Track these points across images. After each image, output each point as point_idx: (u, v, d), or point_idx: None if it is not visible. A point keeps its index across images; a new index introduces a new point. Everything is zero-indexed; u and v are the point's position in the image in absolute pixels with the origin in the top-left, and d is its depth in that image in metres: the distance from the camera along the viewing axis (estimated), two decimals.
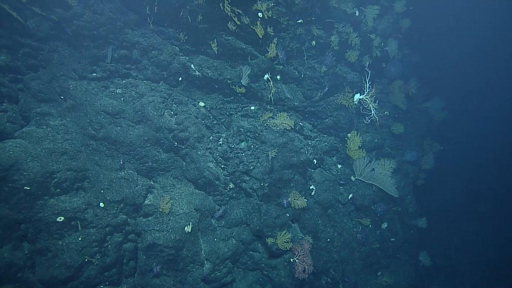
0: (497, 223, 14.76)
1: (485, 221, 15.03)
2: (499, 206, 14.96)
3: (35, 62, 6.76)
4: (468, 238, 14.75)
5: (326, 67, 8.37)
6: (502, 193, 14.98)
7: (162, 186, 7.51)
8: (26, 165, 5.89)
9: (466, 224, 14.95)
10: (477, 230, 14.92)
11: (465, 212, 15.12)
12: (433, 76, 13.41)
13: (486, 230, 14.85)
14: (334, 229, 8.96)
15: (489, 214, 15.10)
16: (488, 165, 15.72)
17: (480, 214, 15.18)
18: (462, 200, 15.35)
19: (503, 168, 15.30)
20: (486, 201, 15.26)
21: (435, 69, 13.55)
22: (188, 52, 7.83)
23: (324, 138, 8.96)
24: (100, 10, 6.97)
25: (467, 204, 15.24)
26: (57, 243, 6.21)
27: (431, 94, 13.43)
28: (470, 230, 14.88)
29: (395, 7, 9.62)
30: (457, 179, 15.52)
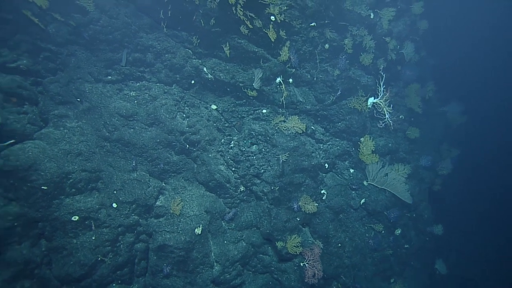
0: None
1: (506, 229, 14.47)
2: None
3: (54, 66, 6.99)
4: (487, 247, 14.24)
5: (339, 70, 8.27)
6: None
7: (174, 188, 7.61)
8: (44, 165, 6.10)
9: (485, 232, 14.43)
10: (497, 238, 14.39)
11: (485, 220, 14.60)
12: (452, 79, 13.04)
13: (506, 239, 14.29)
14: (346, 234, 8.84)
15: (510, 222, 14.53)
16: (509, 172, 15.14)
17: (501, 222, 14.62)
18: (481, 207, 14.83)
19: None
20: (507, 209, 14.70)
21: (454, 72, 13.17)
22: (201, 55, 7.91)
23: (337, 142, 8.85)
24: (115, 15, 7.13)
25: (486, 212, 14.72)
26: (72, 242, 6.40)
27: (450, 97, 13.06)
28: (489, 238, 14.36)
29: (412, 8, 9.40)
30: (476, 185, 15.02)
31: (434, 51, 11.68)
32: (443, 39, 12.83)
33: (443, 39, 12.81)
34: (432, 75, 12.14)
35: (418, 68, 10.27)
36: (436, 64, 11.91)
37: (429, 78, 11.89)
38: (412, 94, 10.21)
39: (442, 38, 12.68)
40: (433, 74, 12.15)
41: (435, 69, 12.01)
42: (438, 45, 12.04)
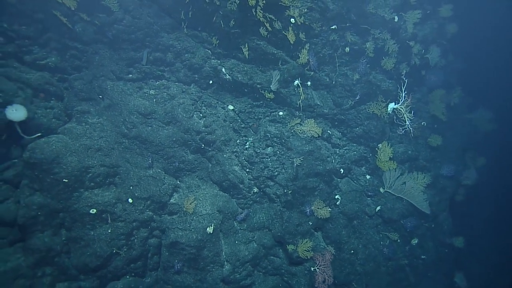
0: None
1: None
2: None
3: (80, 63, 7.29)
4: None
5: (359, 74, 8.09)
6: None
7: (188, 186, 7.75)
8: (66, 159, 6.38)
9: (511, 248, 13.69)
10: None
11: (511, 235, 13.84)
12: (481, 85, 12.42)
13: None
14: (359, 241, 8.67)
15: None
16: None
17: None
18: (508, 220, 14.07)
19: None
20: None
21: (483, 78, 12.53)
22: (220, 56, 7.98)
23: (353, 147, 8.68)
24: (139, 15, 7.33)
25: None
26: (89, 233, 6.66)
27: (478, 104, 12.46)
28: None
29: (440, 11, 9.02)
30: (502, 197, 14.25)
31: (463, 56, 11.16)
32: (473, 43, 12.21)
33: (473, 43, 12.19)
34: (459, 80, 11.62)
35: (444, 73, 9.86)
36: (464, 69, 11.37)
37: (456, 83, 11.40)
38: (436, 100, 9.83)
39: (472, 42, 12.07)
40: (461, 80, 11.63)
41: (463, 74, 11.48)
42: (467, 49, 11.48)
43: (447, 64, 10.31)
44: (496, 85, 13.63)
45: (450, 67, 10.70)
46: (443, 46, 9.69)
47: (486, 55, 13.30)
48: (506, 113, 13.37)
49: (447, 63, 10.23)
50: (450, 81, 10.93)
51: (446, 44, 9.87)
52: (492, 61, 13.43)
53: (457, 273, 11.28)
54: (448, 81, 10.70)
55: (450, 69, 10.82)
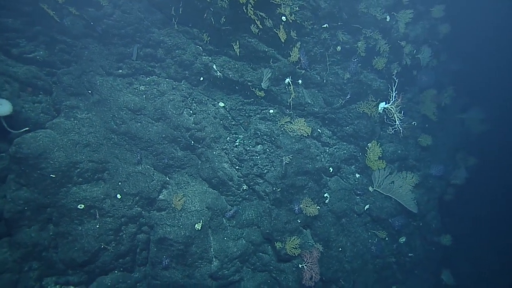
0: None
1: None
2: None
3: (69, 58, 7.23)
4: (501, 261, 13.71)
5: (350, 73, 8.10)
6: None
7: (177, 183, 7.77)
8: (53, 154, 6.36)
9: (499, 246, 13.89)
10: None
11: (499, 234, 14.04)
12: (474, 85, 12.48)
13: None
14: (347, 238, 8.77)
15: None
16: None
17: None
18: (497, 219, 14.26)
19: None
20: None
21: (476, 78, 12.57)
22: (211, 53, 7.95)
23: (343, 146, 8.73)
24: (129, 10, 7.26)
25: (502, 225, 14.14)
26: (77, 228, 6.68)
27: (471, 104, 12.54)
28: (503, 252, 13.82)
29: (432, 12, 9.02)
30: (492, 197, 14.42)
31: (456, 56, 11.19)
32: (466, 43, 12.24)
33: (466, 43, 12.22)
34: (452, 80, 11.68)
35: (435, 73, 9.90)
36: (457, 70, 11.42)
37: (449, 83, 11.46)
38: (427, 100, 9.89)
39: (465, 42, 12.10)
40: (454, 80, 11.68)
41: (456, 74, 11.53)
42: (460, 49, 11.51)
43: (439, 64, 10.35)
44: (489, 85, 13.70)
45: (442, 67, 10.74)
46: (435, 46, 9.72)
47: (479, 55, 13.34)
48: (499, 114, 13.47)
49: (439, 63, 10.27)
50: (442, 81, 10.98)
51: (438, 44, 9.89)
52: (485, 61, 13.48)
53: (444, 271, 11.46)
54: (440, 81, 10.75)
55: (442, 69, 10.86)
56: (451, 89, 11.17)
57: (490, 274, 13.34)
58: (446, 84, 11.25)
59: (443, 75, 11.04)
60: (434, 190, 10.36)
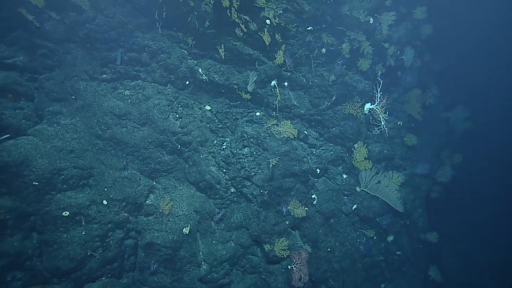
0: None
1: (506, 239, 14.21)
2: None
3: (51, 63, 7.11)
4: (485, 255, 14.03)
5: (335, 75, 8.18)
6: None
7: (164, 187, 7.72)
8: (36, 161, 6.26)
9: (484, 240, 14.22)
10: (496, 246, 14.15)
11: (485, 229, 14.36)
12: (457, 84, 12.73)
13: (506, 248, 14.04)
14: (336, 238, 8.85)
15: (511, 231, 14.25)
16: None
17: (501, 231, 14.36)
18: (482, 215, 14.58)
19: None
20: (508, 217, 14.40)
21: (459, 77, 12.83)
22: (196, 56, 7.93)
23: (330, 147, 8.81)
24: (112, 14, 7.19)
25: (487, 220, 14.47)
26: (62, 236, 6.59)
27: (455, 102, 12.78)
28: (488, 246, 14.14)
29: (414, 13, 9.17)
30: (477, 193, 14.74)
31: (439, 56, 11.40)
32: (449, 44, 12.48)
33: (448, 43, 12.46)
34: (436, 80, 11.89)
35: (419, 73, 10.07)
36: (440, 69, 11.64)
37: (433, 83, 11.66)
38: (412, 100, 10.05)
39: (448, 42, 12.34)
40: (438, 79, 11.90)
41: (439, 74, 11.75)
42: (443, 49, 11.73)
43: (423, 64, 10.52)
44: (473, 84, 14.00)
45: (426, 67, 10.92)
46: (418, 47, 9.88)
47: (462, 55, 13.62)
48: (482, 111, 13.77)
49: (423, 64, 10.44)
50: (426, 81, 11.17)
51: (421, 45, 10.06)
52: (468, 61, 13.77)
53: (432, 267, 11.66)
54: (424, 81, 10.94)
55: (427, 69, 11.05)
56: (436, 89, 11.37)
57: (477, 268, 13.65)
58: (431, 83, 11.45)
59: (427, 75, 11.23)
60: (420, 189, 10.54)
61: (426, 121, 10.98)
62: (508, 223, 14.15)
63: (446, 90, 12.09)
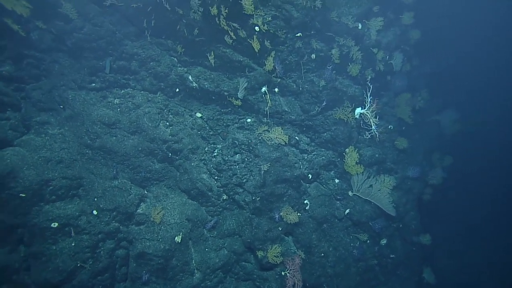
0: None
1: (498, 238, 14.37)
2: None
3: (38, 72, 7.03)
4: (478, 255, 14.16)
5: (325, 81, 8.22)
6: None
7: (155, 196, 7.65)
8: (23, 173, 6.16)
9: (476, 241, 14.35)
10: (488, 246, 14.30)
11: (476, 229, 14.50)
12: (446, 87, 12.90)
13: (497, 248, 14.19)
14: (329, 243, 8.84)
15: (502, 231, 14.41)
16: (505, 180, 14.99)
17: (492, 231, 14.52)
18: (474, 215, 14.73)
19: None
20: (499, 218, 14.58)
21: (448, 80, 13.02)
22: (186, 64, 7.91)
23: (322, 152, 8.82)
24: (100, 23, 7.15)
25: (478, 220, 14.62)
26: (51, 248, 6.47)
27: (444, 105, 12.94)
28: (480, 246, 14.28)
29: (402, 19, 9.28)
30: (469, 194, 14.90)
31: (428, 60, 11.55)
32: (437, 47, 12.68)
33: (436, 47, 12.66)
34: (426, 83, 12.03)
35: (409, 77, 10.18)
36: (429, 73, 11.79)
37: (422, 86, 11.79)
38: (402, 104, 10.14)
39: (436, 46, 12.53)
40: (427, 83, 12.04)
41: (428, 77, 11.90)
42: (431, 53, 11.90)
43: (413, 68, 10.65)
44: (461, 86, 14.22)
45: (415, 71, 11.05)
46: (407, 51, 10.00)
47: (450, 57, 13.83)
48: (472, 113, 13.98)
49: (412, 68, 10.56)
50: (416, 84, 11.29)
51: (410, 50, 10.19)
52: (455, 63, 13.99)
53: (426, 269, 11.71)
54: (414, 85, 11.06)
55: (416, 73, 11.18)
56: (425, 92, 11.50)
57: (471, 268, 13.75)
58: (420, 87, 11.58)
59: (417, 79, 11.36)
60: (412, 191, 10.60)
61: (416, 124, 11.09)
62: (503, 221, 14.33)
63: (436, 93, 12.25)
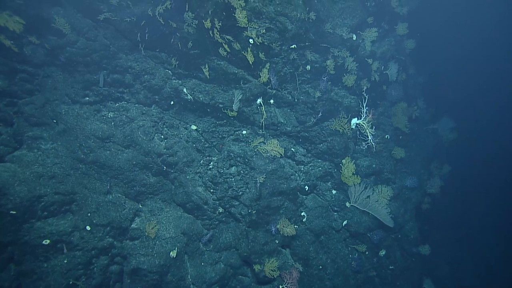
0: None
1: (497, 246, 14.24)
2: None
3: (31, 87, 6.97)
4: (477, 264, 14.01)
5: (320, 92, 8.20)
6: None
7: (150, 210, 7.55)
8: (13, 189, 6.06)
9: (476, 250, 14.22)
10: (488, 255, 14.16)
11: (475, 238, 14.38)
12: (442, 95, 12.93)
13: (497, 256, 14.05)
14: (327, 255, 8.72)
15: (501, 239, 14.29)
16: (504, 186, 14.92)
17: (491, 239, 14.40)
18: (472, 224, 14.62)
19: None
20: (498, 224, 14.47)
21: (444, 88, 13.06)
22: (180, 76, 7.88)
23: (318, 163, 8.75)
24: (93, 37, 7.13)
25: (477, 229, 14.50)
26: (42, 266, 6.33)
27: (441, 114, 12.95)
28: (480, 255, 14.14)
29: (397, 29, 9.32)
30: (467, 202, 14.81)
31: (423, 69, 11.58)
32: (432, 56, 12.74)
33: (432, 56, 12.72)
34: (422, 92, 12.04)
35: (404, 87, 10.18)
36: (425, 81, 11.81)
37: (419, 95, 11.80)
38: (399, 113, 10.12)
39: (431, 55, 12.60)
40: (423, 91, 12.06)
41: (424, 86, 11.92)
42: (427, 62, 11.94)
43: (408, 77, 10.66)
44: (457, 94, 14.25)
45: (411, 80, 11.06)
46: (402, 61, 10.01)
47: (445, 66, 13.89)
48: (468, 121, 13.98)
49: (408, 77, 10.57)
50: (412, 93, 11.29)
51: (405, 60, 10.21)
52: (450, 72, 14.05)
53: (426, 279, 11.56)
54: (410, 94, 11.06)
55: (412, 82, 11.19)
56: (421, 101, 11.51)
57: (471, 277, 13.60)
58: (417, 96, 11.58)
59: (413, 88, 11.36)
60: (411, 201, 10.52)
61: (413, 133, 11.06)
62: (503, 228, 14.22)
63: (432, 101, 12.26)
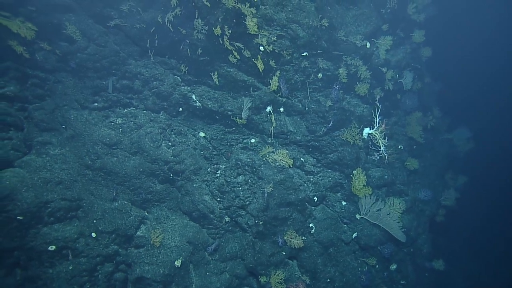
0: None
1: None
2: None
3: (42, 92, 7.01)
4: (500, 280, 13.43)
5: (331, 101, 7.98)
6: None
7: (156, 218, 7.47)
8: (21, 195, 6.07)
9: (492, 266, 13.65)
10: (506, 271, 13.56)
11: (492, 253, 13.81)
12: (458, 105, 12.51)
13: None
14: (336, 268, 8.46)
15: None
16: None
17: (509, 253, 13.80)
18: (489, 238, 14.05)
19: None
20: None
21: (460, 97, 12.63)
22: (189, 83, 7.81)
23: (328, 174, 8.52)
24: (104, 43, 7.13)
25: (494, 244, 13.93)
26: (47, 272, 6.32)
27: (457, 123, 12.53)
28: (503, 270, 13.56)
29: (413, 37, 9.02)
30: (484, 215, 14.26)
31: (440, 78, 11.22)
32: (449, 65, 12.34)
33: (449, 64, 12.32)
34: (437, 101, 11.67)
35: (420, 96, 9.85)
36: (441, 90, 11.44)
37: (434, 104, 11.43)
38: (413, 122, 9.79)
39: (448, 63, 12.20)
40: (439, 101, 11.69)
41: (440, 95, 11.54)
42: (443, 71, 11.57)
43: (424, 86, 10.31)
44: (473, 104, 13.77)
45: (426, 89, 10.71)
46: (418, 69, 9.69)
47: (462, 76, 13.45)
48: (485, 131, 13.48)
49: (423, 86, 10.23)
50: (427, 103, 10.94)
51: (421, 68, 9.88)
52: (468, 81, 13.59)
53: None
54: (425, 103, 10.71)
55: (427, 91, 10.84)
56: (437, 110, 11.14)
57: None
58: (432, 105, 11.22)
59: (428, 97, 11.01)
60: (424, 214, 10.15)
61: (428, 144, 10.70)
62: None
63: (448, 111, 11.86)
